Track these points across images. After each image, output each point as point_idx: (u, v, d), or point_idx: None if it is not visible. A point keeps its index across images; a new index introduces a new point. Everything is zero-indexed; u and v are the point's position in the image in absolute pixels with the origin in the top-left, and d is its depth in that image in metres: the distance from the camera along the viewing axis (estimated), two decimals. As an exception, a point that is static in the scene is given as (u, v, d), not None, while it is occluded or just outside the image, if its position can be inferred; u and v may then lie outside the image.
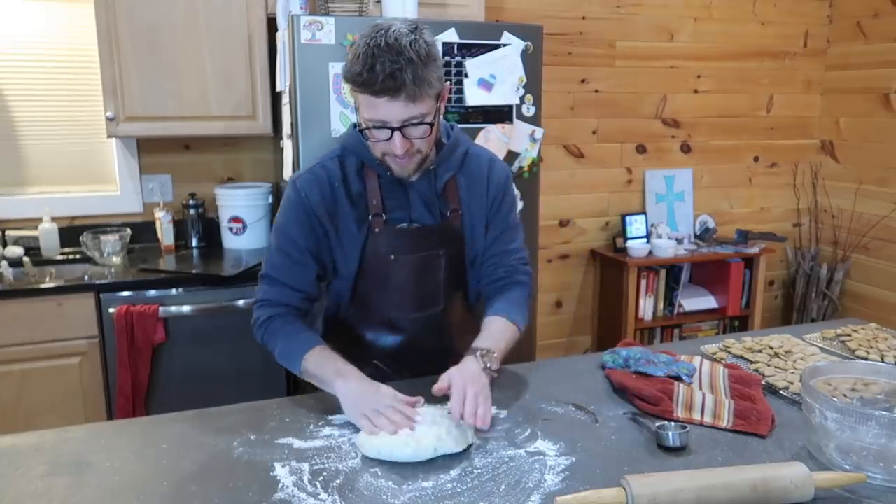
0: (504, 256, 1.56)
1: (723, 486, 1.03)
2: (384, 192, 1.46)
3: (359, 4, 2.42)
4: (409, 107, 1.28)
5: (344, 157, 1.47)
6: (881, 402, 1.26)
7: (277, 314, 1.46)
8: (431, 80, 1.29)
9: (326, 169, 1.46)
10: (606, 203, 3.60)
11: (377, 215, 1.45)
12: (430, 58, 1.29)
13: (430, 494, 1.07)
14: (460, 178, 1.51)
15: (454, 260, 1.53)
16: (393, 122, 1.30)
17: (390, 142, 1.32)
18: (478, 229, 1.54)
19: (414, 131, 1.33)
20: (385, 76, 1.24)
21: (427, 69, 1.28)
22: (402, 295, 1.50)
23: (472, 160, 1.53)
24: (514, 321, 1.48)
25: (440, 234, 1.50)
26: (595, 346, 3.67)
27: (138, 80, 2.53)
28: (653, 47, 3.50)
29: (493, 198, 1.54)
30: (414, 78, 1.25)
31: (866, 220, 3.66)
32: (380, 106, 1.28)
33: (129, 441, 1.24)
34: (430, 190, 1.48)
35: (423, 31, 1.30)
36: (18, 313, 2.30)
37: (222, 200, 2.85)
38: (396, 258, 1.47)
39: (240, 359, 2.52)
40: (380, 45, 1.25)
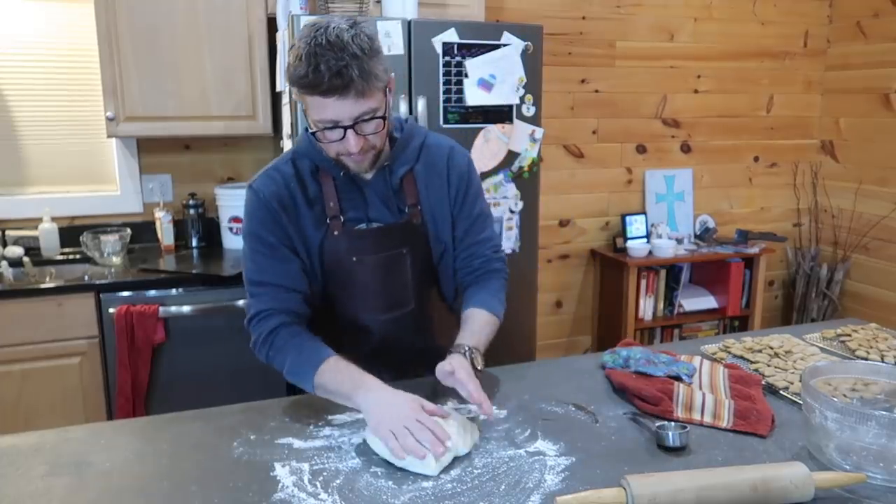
0: (477, 247, 1.53)
1: (723, 486, 1.03)
2: (340, 193, 1.44)
3: (359, 4, 2.42)
4: (359, 103, 1.26)
5: (296, 160, 1.44)
6: (881, 402, 1.26)
7: (280, 325, 1.39)
8: (378, 73, 1.27)
9: (280, 171, 1.43)
10: (606, 203, 3.60)
11: (335, 217, 1.43)
12: (373, 51, 1.26)
13: (430, 494, 1.07)
14: (418, 170, 1.47)
15: (420, 258, 1.50)
16: (344, 121, 1.28)
17: (344, 141, 1.30)
18: (441, 223, 1.50)
19: (367, 127, 1.30)
20: (331, 74, 1.21)
21: (372, 62, 1.25)
22: (369, 296, 1.48)
23: (431, 151, 1.49)
24: (493, 312, 1.48)
25: (401, 233, 1.47)
26: (595, 346, 3.68)
27: (138, 80, 2.53)
28: (653, 47, 3.50)
29: (457, 188, 1.50)
30: (360, 73, 1.22)
31: (866, 220, 3.66)
32: (329, 106, 1.25)
33: (129, 441, 1.24)
34: (386, 187, 1.45)
35: (363, 25, 1.28)
36: (18, 313, 2.30)
37: (222, 200, 2.85)
38: (359, 259, 1.45)
39: (240, 359, 2.51)
40: (321, 43, 1.22)
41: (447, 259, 1.54)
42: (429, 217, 1.49)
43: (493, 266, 1.55)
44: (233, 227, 2.84)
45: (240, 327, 2.58)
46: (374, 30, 1.30)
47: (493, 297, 1.50)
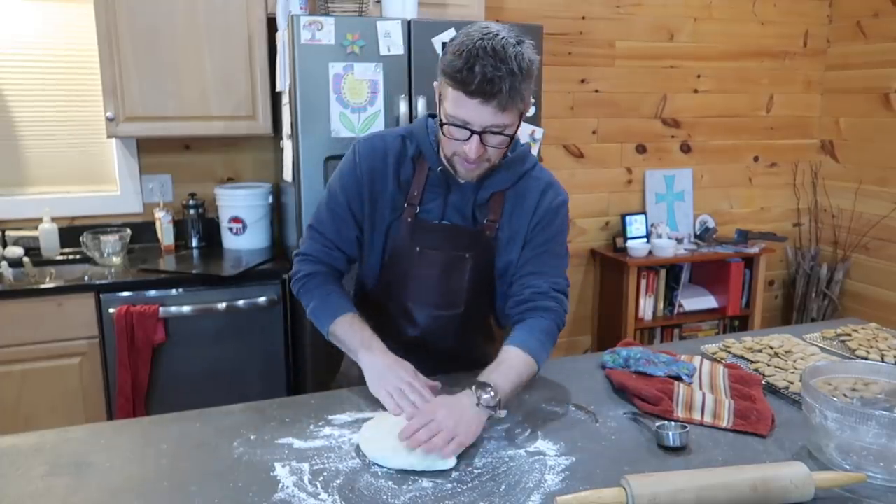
0: (535, 278, 1.46)
1: (723, 486, 1.03)
2: (428, 184, 1.46)
3: (359, 4, 2.42)
4: (497, 115, 1.28)
5: (408, 138, 1.47)
6: (881, 402, 1.26)
7: (317, 272, 1.49)
8: (524, 94, 1.30)
9: (386, 143, 1.47)
10: (606, 203, 3.60)
11: (412, 205, 1.46)
12: (529, 73, 1.29)
13: (430, 494, 1.07)
14: (510, 195, 1.47)
15: (481, 266, 1.49)
16: (475, 126, 1.29)
17: (466, 143, 1.31)
18: (514, 246, 1.49)
19: (492, 139, 1.32)
20: (483, 79, 1.23)
21: (524, 84, 1.28)
22: (424, 289, 1.50)
23: (530, 181, 1.48)
24: (532, 355, 1.36)
25: (469, 238, 1.48)
26: (595, 346, 3.68)
27: (138, 80, 2.53)
28: (653, 47, 3.50)
29: (539, 220, 1.47)
30: (510, 88, 1.25)
31: (866, 219, 3.66)
32: (468, 106, 1.27)
33: (129, 441, 1.24)
34: (472, 197, 1.46)
35: (528, 46, 1.29)
36: (18, 313, 2.30)
37: (222, 200, 2.85)
38: (422, 251, 1.47)
39: (240, 359, 2.52)
40: (485, 47, 1.24)
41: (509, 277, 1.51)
42: (504, 237, 1.48)
43: (544, 303, 1.44)
44: (232, 227, 2.84)
45: (240, 327, 2.60)
46: (535, 55, 1.30)
47: (537, 339, 1.40)
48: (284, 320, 2.58)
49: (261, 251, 2.80)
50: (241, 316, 2.49)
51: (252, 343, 2.53)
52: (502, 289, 1.53)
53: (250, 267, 2.55)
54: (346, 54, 2.26)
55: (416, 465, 1.14)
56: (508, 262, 1.50)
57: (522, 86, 1.28)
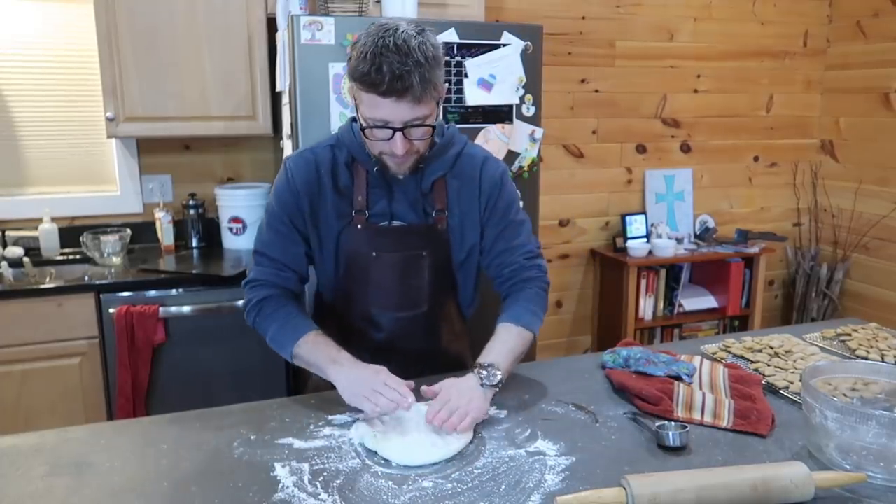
0: (508, 254, 1.51)
1: (723, 486, 1.03)
2: (370, 188, 1.46)
3: (358, 4, 2.42)
4: (414, 108, 1.29)
5: (336, 147, 1.48)
6: (881, 402, 1.26)
7: (271, 296, 1.46)
8: (437, 83, 1.30)
9: (316, 154, 1.47)
10: (606, 203, 3.60)
11: (360, 211, 1.46)
12: (436, 61, 1.29)
13: (430, 494, 1.07)
14: (451, 179, 1.49)
15: (440, 262, 1.51)
16: (395, 123, 1.30)
17: (391, 142, 1.32)
18: (468, 232, 1.51)
19: (415, 132, 1.33)
20: (392, 77, 1.24)
21: (433, 72, 1.28)
22: (384, 293, 1.50)
23: (465, 160, 1.50)
24: (524, 326, 1.44)
25: (424, 235, 1.49)
26: (595, 346, 3.67)
27: (138, 80, 2.53)
28: (653, 47, 3.50)
29: (488, 197, 1.50)
30: (421, 80, 1.25)
31: (866, 219, 3.66)
32: (383, 106, 1.28)
33: (129, 441, 1.25)
34: (416, 189, 1.47)
35: (429, 34, 1.30)
36: (18, 313, 2.30)
37: (222, 200, 2.85)
38: (378, 255, 1.47)
39: (240, 359, 2.52)
40: (388, 45, 1.24)
41: (468, 267, 1.55)
42: (455, 224, 1.50)
43: (526, 274, 1.51)
44: (232, 227, 2.84)
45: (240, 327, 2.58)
46: (438, 41, 1.32)
47: (524, 308, 1.47)
48: (284, 320, 2.58)
49: (261, 251, 2.80)
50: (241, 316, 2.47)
51: (252, 343, 2.51)
52: (463, 280, 1.55)
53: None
54: (346, 54, 2.26)
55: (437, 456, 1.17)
56: (466, 253, 1.52)
57: (432, 75, 1.28)
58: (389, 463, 1.17)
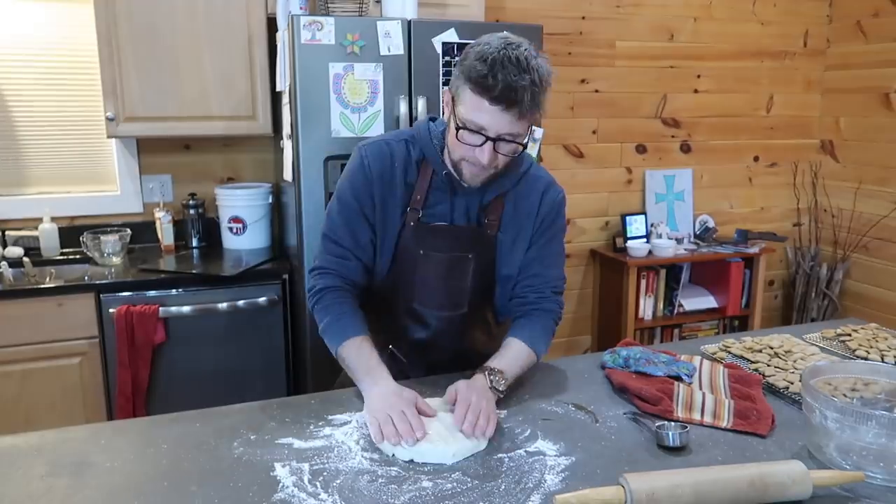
0: (538, 279, 1.53)
1: (720, 482, 1.03)
2: (432, 189, 1.47)
3: (359, 5, 2.42)
4: (514, 124, 1.29)
5: (410, 142, 1.48)
6: (881, 402, 1.26)
7: (333, 286, 1.47)
8: (542, 105, 1.32)
9: (391, 147, 1.47)
10: (606, 203, 3.60)
11: (415, 210, 1.47)
12: (546, 86, 1.31)
13: (430, 494, 1.07)
14: (510, 195, 1.49)
15: (483, 267, 1.51)
16: (490, 132, 1.30)
17: (479, 149, 1.32)
18: (516, 246, 1.52)
19: (505, 147, 1.33)
20: (506, 87, 1.25)
21: (542, 95, 1.30)
22: (428, 291, 1.51)
23: (530, 181, 1.51)
24: (533, 348, 1.47)
25: (471, 238, 1.49)
26: (595, 346, 3.67)
27: (138, 80, 2.53)
28: (653, 47, 3.50)
29: (543, 218, 1.52)
30: (531, 98, 1.27)
31: (866, 219, 3.66)
32: (488, 113, 1.28)
33: (129, 441, 1.24)
34: (476, 200, 1.48)
35: (544, 60, 1.32)
36: (19, 313, 2.30)
37: (222, 200, 2.85)
38: (426, 253, 1.48)
39: (240, 359, 2.52)
40: (509, 56, 1.26)
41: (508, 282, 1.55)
42: (505, 237, 1.51)
43: (546, 305, 1.54)
44: (233, 227, 2.84)
45: (240, 327, 2.60)
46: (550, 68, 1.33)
47: (537, 332, 1.50)
48: (284, 320, 2.58)
49: (261, 251, 2.80)
50: (241, 316, 2.49)
51: (252, 343, 2.53)
52: (503, 290, 1.55)
53: (250, 267, 2.55)
54: (346, 54, 2.26)
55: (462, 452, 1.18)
56: (510, 267, 1.53)
57: (541, 97, 1.30)
58: (390, 463, 1.16)
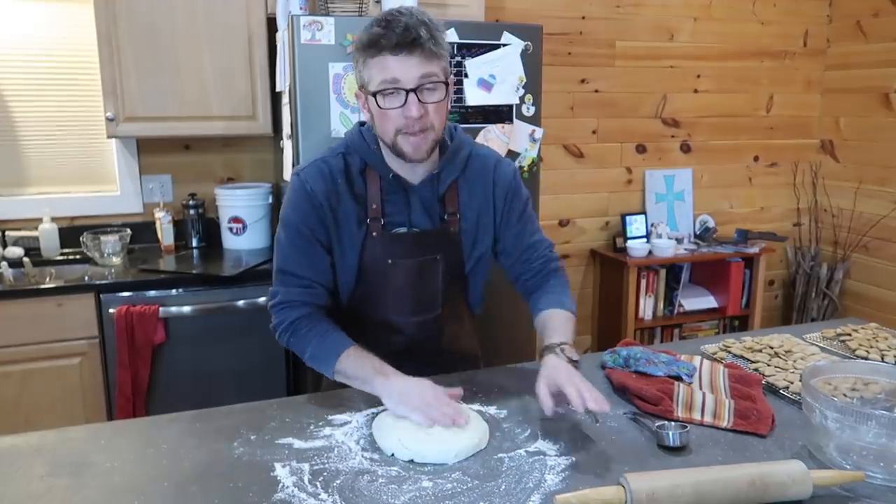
0: (533, 250, 1.56)
1: (721, 482, 1.03)
2: (385, 195, 1.45)
3: (358, 4, 2.42)
4: (424, 64, 1.30)
5: (347, 154, 1.46)
6: (881, 402, 1.26)
7: (302, 315, 1.43)
8: (443, 44, 1.33)
9: (328, 164, 1.45)
10: (606, 203, 3.60)
11: (375, 220, 1.45)
12: (441, 29, 1.33)
13: (430, 494, 1.07)
14: (462, 182, 1.50)
15: (452, 265, 1.52)
16: (408, 83, 1.30)
17: (405, 108, 1.31)
18: (480, 234, 1.53)
19: (430, 96, 1.32)
20: (401, 30, 1.27)
21: (439, 32, 1.32)
22: (400, 298, 1.50)
23: (476, 162, 1.51)
24: (567, 308, 1.51)
25: (437, 239, 1.49)
26: (595, 346, 3.67)
27: (138, 80, 2.53)
28: (653, 47, 3.50)
29: (504, 198, 1.53)
30: (430, 37, 1.29)
31: (866, 219, 3.66)
32: (393, 64, 1.29)
33: (129, 441, 1.24)
34: (431, 194, 1.47)
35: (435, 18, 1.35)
36: (18, 314, 2.29)
37: (222, 200, 2.85)
38: (394, 262, 1.47)
39: (240, 359, 2.52)
40: (392, 12, 1.30)
41: (479, 269, 1.57)
42: (467, 227, 1.51)
43: (552, 266, 1.58)
44: (232, 227, 2.84)
45: (240, 327, 2.59)
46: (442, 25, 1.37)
47: (560, 294, 1.53)
48: (284, 320, 2.58)
49: (261, 251, 2.80)
50: (241, 316, 2.49)
51: (252, 343, 2.53)
52: (473, 281, 1.58)
53: (250, 267, 2.55)
54: (346, 54, 2.26)
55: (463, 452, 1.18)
56: (479, 255, 1.54)
57: (438, 36, 1.31)
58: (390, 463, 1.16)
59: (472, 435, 1.21)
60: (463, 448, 1.18)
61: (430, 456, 1.17)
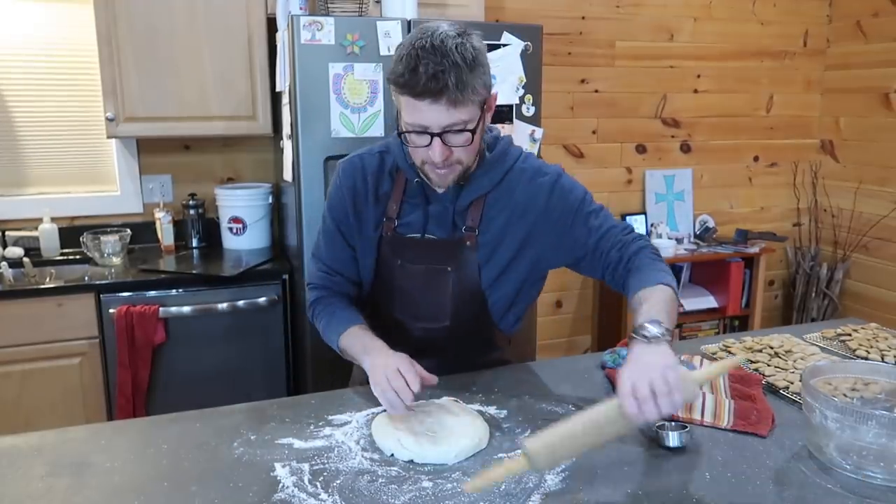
0: (604, 242, 1.44)
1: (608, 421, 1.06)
2: (406, 198, 1.45)
3: (358, 4, 2.42)
4: (451, 112, 1.24)
5: (385, 154, 1.47)
6: (881, 402, 1.26)
7: (322, 296, 1.51)
8: (476, 85, 1.26)
9: (365, 161, 1.47)
10: (606, 203, 3.55)
11: (390, 220, 1.45)
12: (476, 63, 1.25)
13: (430, 494, 1.07)
14: (492, 196, 1.43)
15: (465, 278, 1.46)
16: (433, 128, 1.26)
17: (429, 149, 1.29)
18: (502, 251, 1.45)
19: (454, 139, 1.28)
20: (427, 78, 1.21)
21: (472, 74, 1.24)
22: (407, 301, 1.50)
23: (514, 177, 1.43)
24: (659, 282, 1.31)
25: (448, 250, 1.45)
26: (595, 346, 3.67)
27: (138, 80, 2.53)
28: (653, 47, 3.50)
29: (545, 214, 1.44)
30: (457, 82, 1.22)
31: (866, 219, 3.66)
32: (421, 110, 1.25)
33: (129, 441, 1.24)
34: (451, 205, 1.43)
35: (472, 36, 1.28)
36: (19, 314, 2.30)
37: (222, 200, 2.85)
38: (402, 264, 1.47)
39: (240, 359, 2.52)
40: (424, 46, 1.22)
41: (502, 286, 1.48)
42: (487, 242, 1.44)
43: (632, 249, 1.43)
44: (232, 227, 2.84)
45: (240, 327, 2.60)
46: (481, 44, 1.29)
47: (650, 271, 1.37)
48: (284, 320, 2.58)
49: (261, 251, 2.80)
50: (241, 316, 2.49)
51: (252, 343, 2.53)
52: (496, 299, 1.49)
53: (250, 267, 2.55)
54: (346, 54, 2.26)
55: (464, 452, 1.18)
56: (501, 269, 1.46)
57: (471, 77, 1.24)
58: (390, 463, 1.17)
59: (472, 436, 1.21)
60: (463, 449, 1.18)
61: (430, 456, 1.17)
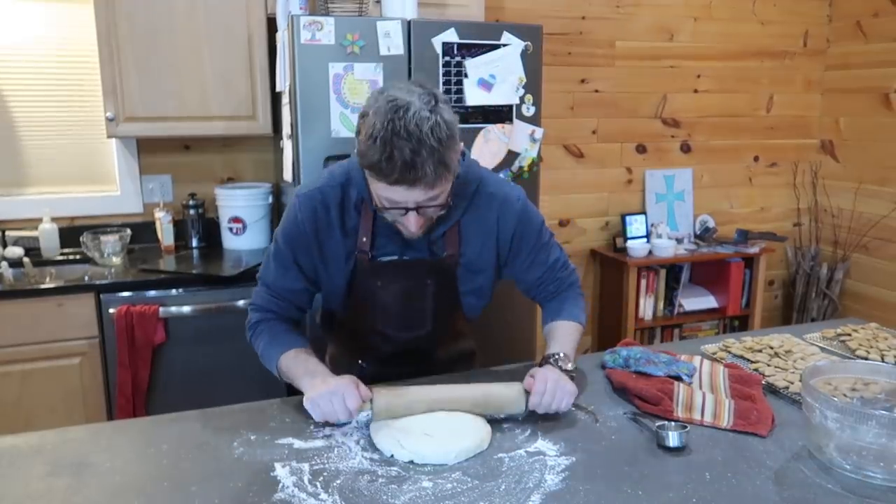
0: (549, 273, 1.55)
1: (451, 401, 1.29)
2: (377, 229, 1.42)
3: (358, 4, 2.42)
4: (427, 192, 1.23)
5: (347, 187, 1.42)
6: (881, 402, 1.26)
7: (265, 318, 1.48)
8: (451, 163, 1.23)
9: (324, 194, 1.41)
10: (606, 203, 3.60)
11: (363, 252, 1.43)
12: (451, 139, 1.21)
13: (430, 494, 1.07)
14: (465, 220, 1.45)
15: (444, 289, 1.49)
16: (409, 204, 1.26)
17: (405, 218, 1.29)
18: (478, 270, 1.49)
19: (430, 210, 1.30)
20: (404, 166, 1.17)
21: (447, 152, 1.21)
22: (389, 315, 1.51)
23: (481, 201, 1.45)
24: (573, 319, 1.51)
25: (428, 268, 1.46)
26: (595, 346, 3.67)
27: (138, 80, 2.53)
28: (653, 47, 3.50)
29: (511, 235, 1.48)
30: (435, 167, 1.19)
31: (866, 219, 3.66)
32: (395, 192, 1.23)
33: (129, 441, 1.25)
34: (423, 238, 1.41)
35: (443, 108, 1.22)
36: (18, 314, 2.29)
37: (222, 200, 2.85)
38: (383, 285, 1.47)
39: (240, 359, 2.52)
40: (398, 131, 1.16)
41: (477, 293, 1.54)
42: (468, 262, 1.48)
43: (566, 284, 1.58)
44: (232, 227, 2.84)
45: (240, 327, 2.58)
46: (450, 113, 1.24)
47: (570, 306, 1.54)
48: (284, 320, 2.58)
49: (261, 251, 2.80)
50: (242, 316, 2.44)
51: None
52: (470, 302, 1.55)
53: (250, 267, 2.55)
54: (346, 54, 2.26)
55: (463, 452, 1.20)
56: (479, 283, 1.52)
57: (447, 156, 1.21)
58: (390, 463, 1.17)
59: (473, 436, 1.21)
60: (463, 449, 1.18)
61: (430, 456, 1.17)
